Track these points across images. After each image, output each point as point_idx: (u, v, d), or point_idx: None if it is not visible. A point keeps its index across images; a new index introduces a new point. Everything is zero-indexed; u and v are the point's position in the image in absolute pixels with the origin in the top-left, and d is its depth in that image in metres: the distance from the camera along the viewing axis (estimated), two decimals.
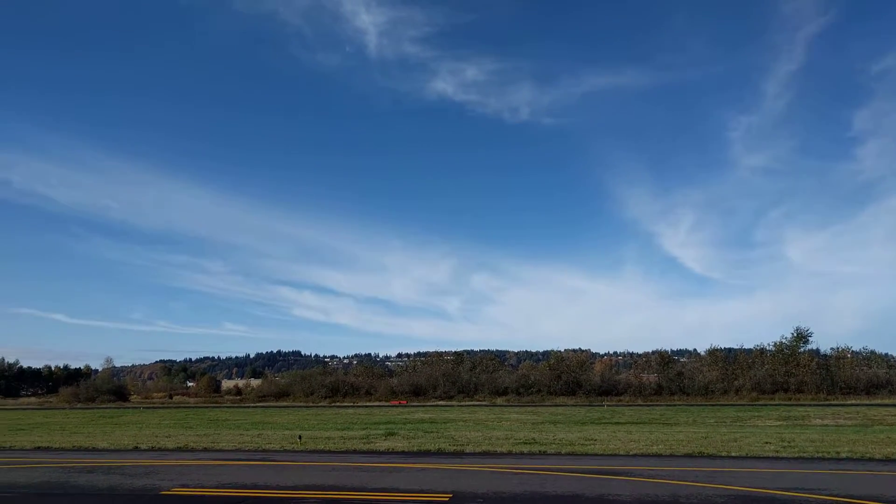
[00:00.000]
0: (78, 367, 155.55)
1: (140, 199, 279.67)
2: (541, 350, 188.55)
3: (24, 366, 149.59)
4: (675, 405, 55.87)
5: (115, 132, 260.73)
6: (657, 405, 56.45)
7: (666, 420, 31.98)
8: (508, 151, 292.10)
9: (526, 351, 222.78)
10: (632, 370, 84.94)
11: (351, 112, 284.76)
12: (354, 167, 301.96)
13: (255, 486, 12.00)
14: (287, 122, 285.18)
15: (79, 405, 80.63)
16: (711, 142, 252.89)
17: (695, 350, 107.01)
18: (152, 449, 19.90)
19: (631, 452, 17.13)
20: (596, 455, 16.85)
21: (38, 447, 20.86)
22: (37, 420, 41.09)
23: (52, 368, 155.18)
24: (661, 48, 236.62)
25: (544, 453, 17.34)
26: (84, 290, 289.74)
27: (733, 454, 16.45)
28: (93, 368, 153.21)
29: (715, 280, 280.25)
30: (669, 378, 72.43)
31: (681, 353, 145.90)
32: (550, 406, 56.91)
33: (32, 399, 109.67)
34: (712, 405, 54.25)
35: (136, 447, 20.34)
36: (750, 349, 76.86)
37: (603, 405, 56.55)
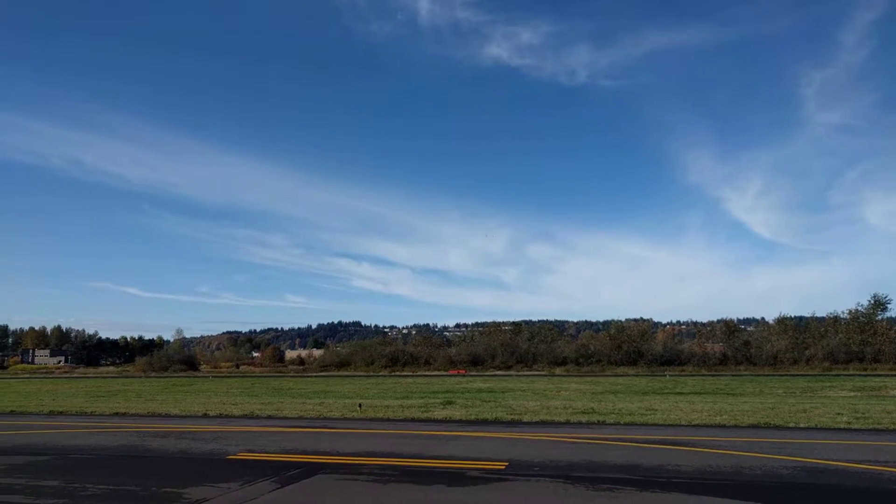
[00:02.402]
0: (151, 338, 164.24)
1: (204, 175, 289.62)
2: (601, 320, 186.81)
3: (103, 337, 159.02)
4: (741, 375, 54.41)
5: (178, 111, 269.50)
6: (722, 375, 55.10)
7: (731, 390, 31.17)
8: (565, 116, 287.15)
9: (585, 321, 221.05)
10: (695, 339, 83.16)
11: (405, 81, 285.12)
12: (410, 137, 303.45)
13: (316, 452, 12.32)
14: (342, 93, 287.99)
15: (153, 374, 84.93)
16: (782, 100, 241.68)
17: (762, 318, 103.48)
18: (220, 416, 20.73)
19: (693, 423, 16.74)
20: (656, 425, 16.55)
21: (117, 413, 22.04)
22: (115, 388, 43.45)
23: (129, 339, 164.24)
24: (726, 2, 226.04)
25: (603, 423, 17.15)
26: (155, 265, 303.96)
27: (802, 425, 15.86)
28: (165, 339, 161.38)
29: (785, 245, 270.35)
30: (735, 347, 70.54)
31: (747, 321, 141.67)
32: (611, 376, 56.35)
33: (111, 368, 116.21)
34: (781, 375, 52.56)
35: (206, 414, 21.23)
36: (822, 317, 73.83)
37: (665, 375, 55.60)
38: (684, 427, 16.07)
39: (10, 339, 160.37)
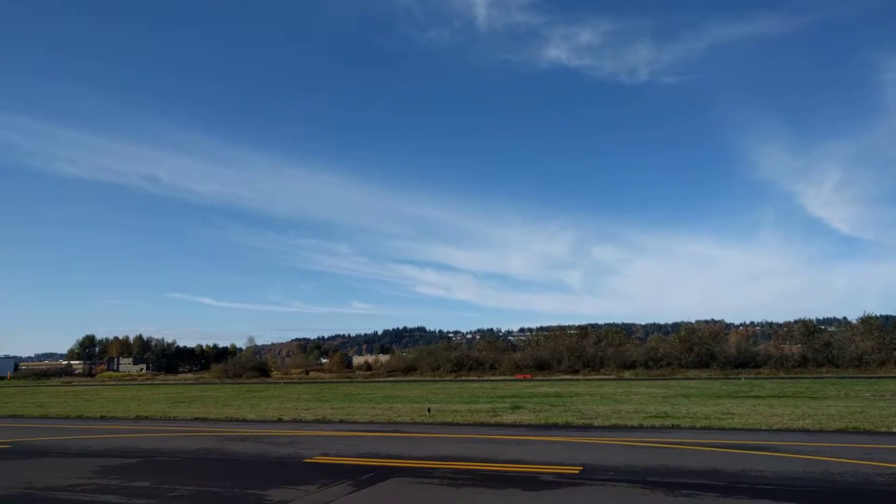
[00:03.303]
0: (225, 345, 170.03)
1: (272, 187, 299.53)
2: (669, 322, 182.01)
3: (181, 345, 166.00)
4: (822, 378, 51.78)
5: (245, 125, 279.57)
6: (802, 378, 52.60)
7: (812, 393, 29.72)
8: (627, 115, 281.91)
9: (654, 323, 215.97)
10: (772, 341, 79.79)
11: (464, 87, 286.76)
12: (469, 143, 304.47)
13: (389, 456, 12.49)
14: (402, 102, 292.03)
15: (227, 380, 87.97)
16: (860, 88, 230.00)
17: (844, 318, 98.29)
18: (294, 420, 21.30)
19: (774, 427, 16.07)
20: (734, 429, 15.97)
21: (197, 418, 22.98)
22: (193, 394, 45.26)
23: (204, 347, 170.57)
24: None
25: (677, 427, 16.69)
26: (226, 275, 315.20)
27: (895, 430, 14.98)
28: (237, 346, 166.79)
29: (867, 241, 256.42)
30: (815, 349, 67.19)
31: (828, 321, 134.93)
32: (682, 379, 54.71)
33: (188, 375, 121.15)
34: (867, 378, 49.72)
35: (280, 419, 21.85)
36: None
37: (740, 378, 53.55)
38: (765, 431, 15.45)
39: (97, 349, 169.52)
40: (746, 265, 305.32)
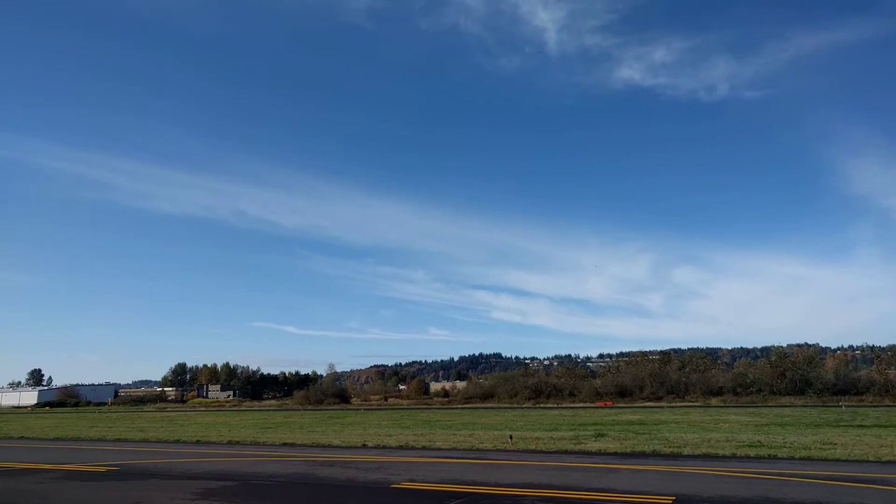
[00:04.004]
0: (307, 372, 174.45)
1: (350, 217, 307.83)
2: (758, 346, 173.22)
3: (265, 372, 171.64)
4: None
5: (325, 159, 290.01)
6: None
7: None
8: (707, 133, 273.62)
9: (741, 347, 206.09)
10: (874, 366, 74.45)
11: (535, 111, 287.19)
12: (542, 166, 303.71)
13: (474, 483, 12.52)
14: (474, 129, 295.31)
15: (309, 406, 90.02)
16: None
17: None
18: (377, 447, 21.63)
19: (883, 459, 15.05)
20: (838, 461, 15.05)
21: (285, 443, 23.71)
22: (278, 420, 46.64)
23: (286, 374, 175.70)
24: None
25: (774, 457, 15.89)
26: (308, 304, 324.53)
27: None
28: (318, 373, 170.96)
29: None
30: None
31: None
32: (774, 407, 51.82)
33: (272, 401, 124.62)
34: None
35: (364, 444, 22.25)
36: None
37: (840, 406, 50.21)
38: (873, 463, 14.49)
39: (188, 376, 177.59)
40: (842, 285, 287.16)
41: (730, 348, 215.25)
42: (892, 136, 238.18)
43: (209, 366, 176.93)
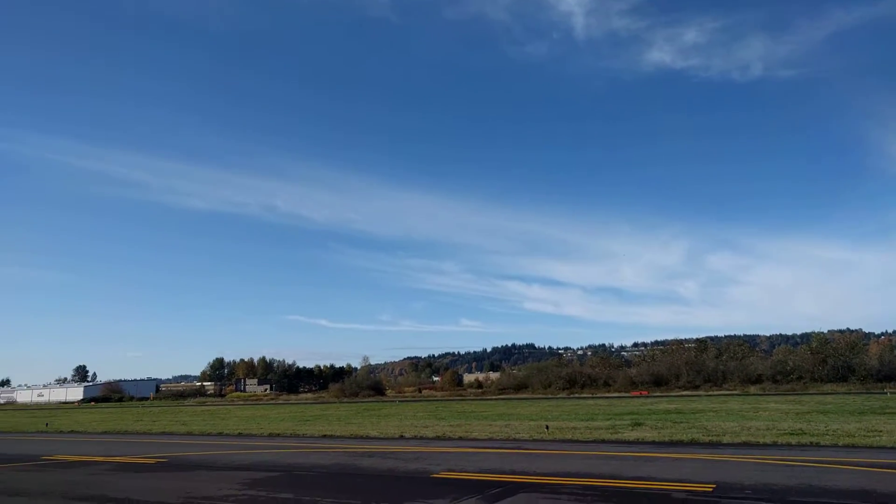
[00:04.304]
0: (341, 365, 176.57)
1: (380, 210, 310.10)
2: (798, 332, 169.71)
3: (300, 366, 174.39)
4: None
5: (355, 153, 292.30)
6: None
7: None
8: (741, 114, 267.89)
9: (780, 334, 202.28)
10: None
11: (564, 97, 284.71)
12: (574, 153, 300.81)
13: (513, 472, 12.65)
14: (504, 118, 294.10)
15: (345, 399, 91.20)
16: None
17: None
18: (415, 437, 21.91)
19: None
20: (883, 448, 14.80)
21: (324, 435, 24.16)
22: (315, 413, 47.37)
23: (322, 367, 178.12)
24: None
25: (817, 445, 15.68)
26: (340, 297, 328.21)
27: None
28: (353, 366, 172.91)
29: None
30: None
31: None
32: (815, 394, 50.80)
33: (308, 395, 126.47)
34: None
35: (402, 436, 22.55)
36: None
37: (885, 392, 49.00)
38: None
39: (226, 370, 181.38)
40: (885, 268, 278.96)
41: (768, 335, 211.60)
42: None
43: (246, 360, 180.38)
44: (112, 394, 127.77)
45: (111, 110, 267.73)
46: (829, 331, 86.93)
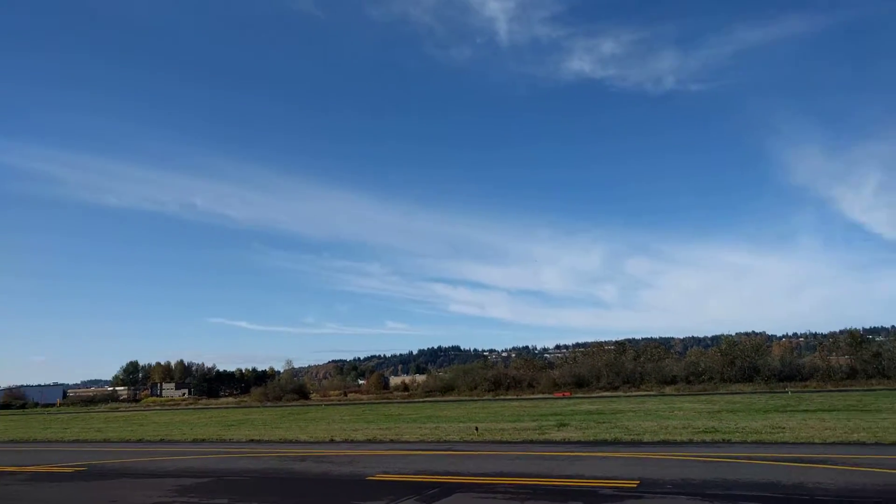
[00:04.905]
0: (264, 369, 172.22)
1: (304, 211, 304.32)
2: (709, 335, 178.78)
3: (220, 369, 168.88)
4: (873, 390, 50.44)
5: (281, 153, 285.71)
6: (851, 390, 51.31)
7: (865, 406, 29.17)
8: (655, 125, 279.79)
9: (692, 336, 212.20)
10: (817, 352, 77.89)
11: (488, 103, 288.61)
12: (496, 158, 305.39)
13: (448, 473, 12.90)
14: (427, 120, 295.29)
15: (268, 403, 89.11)
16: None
17: (893, 327, 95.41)
18: (346, 441, 21.83)
19: (828, 441, 16.04)
20: (787, 443, 15.99)
21: (252, 440, 23.67)
22: (239, 417, 46.18)
23: (243, 371, 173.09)
24: None
25: (728, 441, 16.75)
26: (263, 299, 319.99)
27: None
28: (276, 370, 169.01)
29: None
30: (864, 360, 65.37)
31: (875, 330, 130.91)
32: (725, 394, 53.81)
33: (230, 398, 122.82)
34: None
35: (332, 440, 22.41)
36: None
37: (786, 392, 52.51)
38: (818, 445, 15.44)
39: (140, 374, 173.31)
40: (785, 274, 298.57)
41: (682, 337, 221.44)
42: (830, 128, 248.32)
43: (162, 364, 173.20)
44: (13, 400, 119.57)
45: (17, 101, 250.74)
46: (736, 333, 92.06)
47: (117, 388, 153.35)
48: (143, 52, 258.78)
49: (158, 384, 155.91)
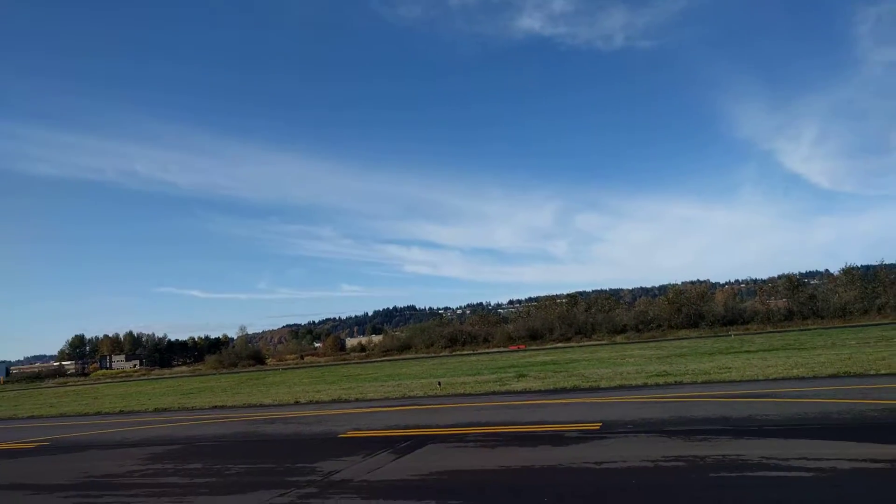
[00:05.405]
0: (217, 336, 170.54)
1: (251, 175, 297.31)
2: (656, 285, 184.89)
3: (172, 339, 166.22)
4: (808, 329, 53.49)
5: (222, 116, 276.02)
6: (789, 331, 54.29)
7: (801, 345, 31.01)
8: (604, 83, 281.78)
9: (641, 287, 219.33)
10: (757, 297, 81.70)
11: (439, 63, 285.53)
12: (447, 118, 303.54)
13: (418, 426, 13.29)
14: (377, 81, 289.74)
15: (224, 370, 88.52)
16: (834, 41, 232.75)
17: (826, 271, 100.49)
18: (311, 402, 22.03)
19: (770, 377, 17.09)
20: (734, 381, 16.97)
21: (215, 406, 23.63)
22: (196, 385, 45.84)
23: (196, 339, 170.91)
24: None
25: (680, 383, 17.66)
26: (213, 266, 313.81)
27: (883, 372, 16.03)
28: (230, 337, 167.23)
29: (847, 193, 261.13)
30: (800, 302, 69.11)
31: (811, 275, 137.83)
32: (673, 340, 56.19)
33: (183, 368, 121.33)
34: (852, 327, 51.46)
35: (297, 402, 22.58)
36: (893, 264, 71.39)
37: (729, 335, 55.16)
38: (762, 381, 16.45)
39: (88, 348, 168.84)
40: (730, 225, 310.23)
41: (630, 288, 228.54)
42: (770, 84, 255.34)
43: (111, 336, 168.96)
44: None
45: None
46: (682, 282, 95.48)
47: (64, 363, 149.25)
48: (82, 13, 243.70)
49: (108, 357, 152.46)
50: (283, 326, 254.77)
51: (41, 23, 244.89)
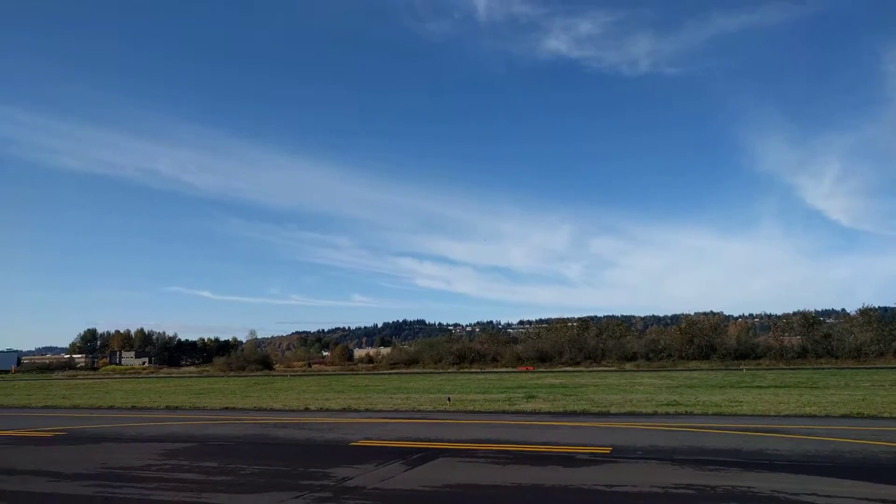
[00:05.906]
0: (226, 339, 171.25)
1: (270, 180, 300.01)
2: (669, 314, 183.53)
3: (182, 338, 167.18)
4: (822, 368, 52.91)
5: (246, 119, 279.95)
6: (802, 369, 53.71)
7: (814, 383, 30.76)
8: (628, 107, 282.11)
9: (653, 315, 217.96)
10: (771, 332, 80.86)
11: (464, 79, 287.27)
12: (469, 135, 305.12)
13: (429, 439, 13.43)
14: (401, 94, 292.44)
15: (231, 373, 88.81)
16: (861, 78, 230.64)
17: (843, 310, 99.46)
18: (321, 410, 22.21)
19: (782, 413, 17.07)
20: (744, 415, 16.96)
21: (226, 407, 23.88)
22: (204, 386, 46.11)
23: (206, 340, 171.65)
24: None
25: (690, 413, 17.67)
26: (225, 269, 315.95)
27: None
28: (238, 340, 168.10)
29: (866, 233, 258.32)
30: (815, 340, 68.30)
31: (826, 313, 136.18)
32: (683, 371, 55.76)
33: (191, 368, 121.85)
34: (867, 368, 50.85)
35: (307, 408, 22.76)
36: None
37: (741, 369, 54.66)
38: (774, 417, 16.44)
39: (98, 342, 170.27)
40: (746, 257, 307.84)
41: (642, 316, 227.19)
42: (796, 119, 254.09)
43: (122, 332, 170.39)
44: None
45: None
46: (695, 313, 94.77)
47: (74, 356, 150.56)
48: (103, 18, 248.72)
49: (118, 352, 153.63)
50: (293, 333, 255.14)
51: (68, 20, 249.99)
